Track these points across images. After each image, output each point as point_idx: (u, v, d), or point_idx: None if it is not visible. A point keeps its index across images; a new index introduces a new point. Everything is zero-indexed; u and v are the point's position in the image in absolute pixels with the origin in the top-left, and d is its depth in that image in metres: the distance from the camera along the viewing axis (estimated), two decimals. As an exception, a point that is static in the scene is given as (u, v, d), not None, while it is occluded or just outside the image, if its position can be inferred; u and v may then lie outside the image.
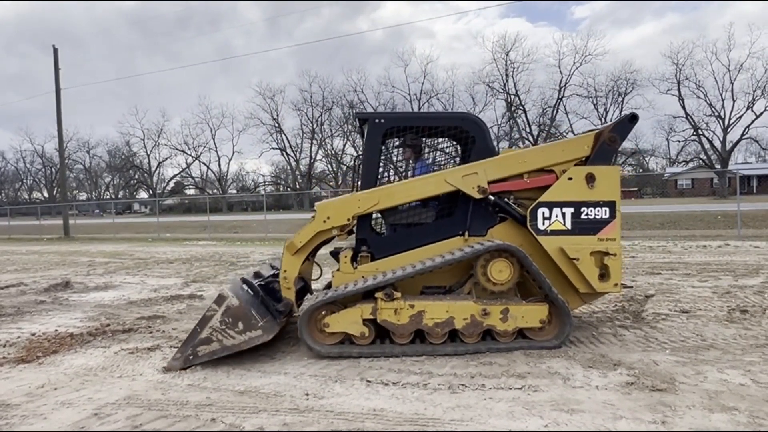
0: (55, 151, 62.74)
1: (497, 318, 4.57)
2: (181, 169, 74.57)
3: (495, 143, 5.50)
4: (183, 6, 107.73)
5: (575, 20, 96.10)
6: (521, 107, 56.71)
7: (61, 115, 29.21)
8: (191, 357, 4.57)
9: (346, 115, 64.30)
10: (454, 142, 5.75)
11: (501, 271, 4.68)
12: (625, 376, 3.97)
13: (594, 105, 56.29)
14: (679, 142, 58.80)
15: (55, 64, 28.87)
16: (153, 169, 74.48)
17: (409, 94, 61.67)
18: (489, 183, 4.90)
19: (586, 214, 4.76)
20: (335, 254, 5.27)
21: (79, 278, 10.83)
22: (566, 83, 55.10)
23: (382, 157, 5.37)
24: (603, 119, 55.75)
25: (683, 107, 51.23)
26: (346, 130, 63.42)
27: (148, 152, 73.15)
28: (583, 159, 4.91)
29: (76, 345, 5.41)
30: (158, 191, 73.45)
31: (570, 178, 4.79)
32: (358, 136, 5.11)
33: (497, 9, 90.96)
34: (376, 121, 5.17)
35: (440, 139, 5.78)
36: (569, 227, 4.77)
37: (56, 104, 29.08)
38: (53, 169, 76.37)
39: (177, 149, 71.80)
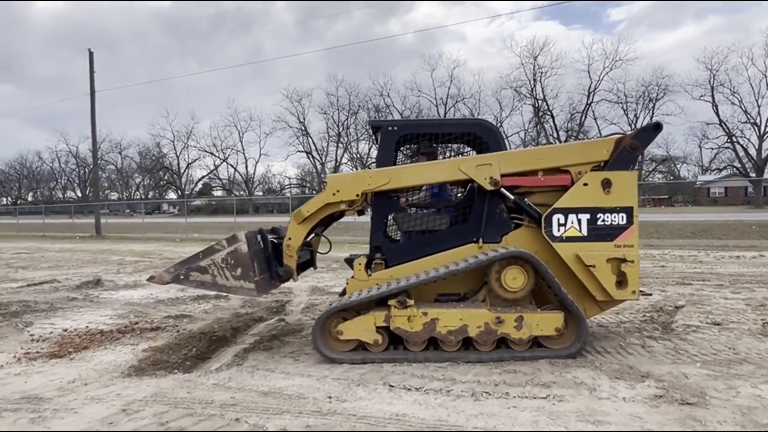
0: (88, 151, 64.53)
1: (511, 326, 4.52)
2: (209, 171, 75.89)
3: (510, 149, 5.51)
4: (216, 8, 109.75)
5: (611, 23, 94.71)
6: (549, 112, 56.20)
7: (95, 117, 30.03)
8: (182, 277, 4.72)
9: (372, 119, 64.52)
10: (468, 149, 5.69)
11: (515, 279, 4.62)
12: (653, 388, 3.88)
13: (624, 111, 55.51)
14: (713, 149, 57.60)
15: (91, 67, 29.70)
16: (182, 170, 75.94)
17: (435, 98, 61.70)
18: (502, 176, 4.81)
19: (603, 221, 4.66)
20: (350, 261, 5.27)
21: (109, 276, 11.09)
22: (595, 88, 54.51)
23: (397, 164, 5.34)
24: (633, 125, 54.83)
25: (717, 114, 50.19)
26: (371, 133, 63.55)
27: (178, 154, 74.69)
28: (601, 163, 4.80)
29: (105, 342, 5.54)
30: (187, 192, 74.78)
31: (585, 184, 4.69)
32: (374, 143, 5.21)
33: (531, 11, 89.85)
34: (390, 128, 5.18)
35: (455, 146, 5.75)
36: (585, 234, 4.67)
37: (91, 106, 29.89)
38: (86, 170, 78.51)
39: (205, 151, 73.12)
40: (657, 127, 4.91)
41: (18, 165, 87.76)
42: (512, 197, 4.86)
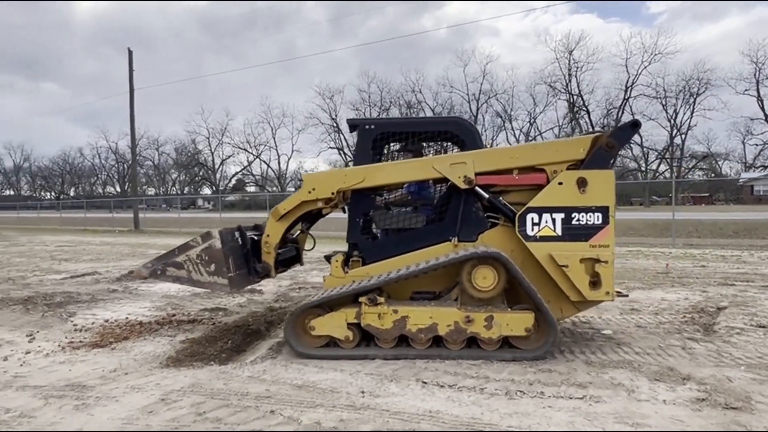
0: (127, 148, 66.34)
1: (481, 325, 4.47)
2: (242, 167, 77.11)
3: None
4: (250, 6, 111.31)
5: (650, 15, 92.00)
6: (584, 108, 55.10)
7: (134, 114, 30.82)
8: (159, 272, 4.92)
9: (404, 115, 64.39)
10: (449, 145, 5.68)
11: (485, 278, 4.58)
12: (695, 391, 3.77)
13: (663, 106, 54.00)
14: (757, 145, 55.50)
15: (130, 66, 30.48)
16: (216, 166, 77.40)
17: (467, 94, 61.24)
18: (476, 175, 4.78)
19: (578, 220, 4.57)
20: (329, 258, 5.29)
21: (147, 269, 11.37)
22: (633, 83, 53.12)
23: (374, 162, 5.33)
24: (672, 120, 53.27)
25: (762, 108, 48.29)
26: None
27: (213, 150, 76.14)
28: (578, 162, 4.71)
29: (144, 333, 5.69)
30: (221, 188, 76.17)
31: (560, 183, 4.60)
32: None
33: (567, 5, 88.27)
34: (367, 127, 5.21)
35: (445, 143, 5.75)
36: (560, 233, 4.59)
37: (129, 104, 30.70)
38: (125, 165, 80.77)
39: (239, 148, 74.32)
40: (634, 126, 4.87)
41: (61, 161, 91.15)
42: (486, 196, 4.83)
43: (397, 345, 4.65)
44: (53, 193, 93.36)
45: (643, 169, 59.26)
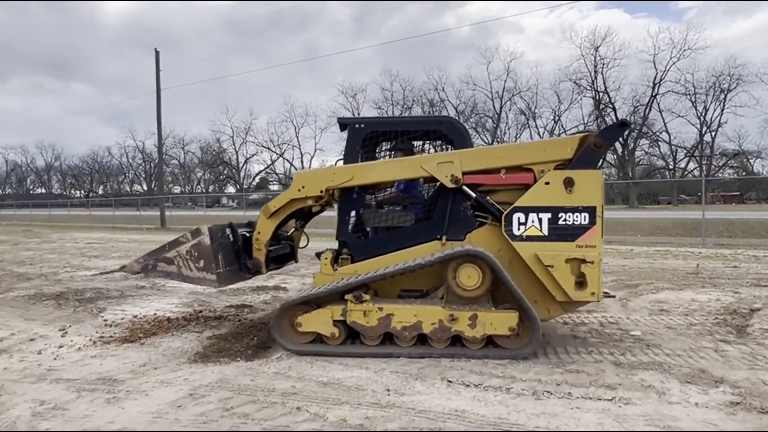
0: (154, 147, 67.48)
1: (465, 324, 4.48)
2: (266, 166, 77.74)
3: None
4: (273, 6, 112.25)
5: (679, 10, 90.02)
6: (610, 105, 54.15)
7: (160, 113, 31.33)
8: (150, 267, 5.05)
9: (426, 113, 64.18)
10: (440, 144, 5.67)
11: (470, 277, 4.57)
12: (729, 394, 3.67)
13: (692, 103, 52.69)
14: (791, 143, 53.70)
15: (157, 66, 30.98)
16: (240, 165, 78.23)
17: (490, 92, 60.72)
18: (464, 174, 4.78)
19: (564, 220, 4.53)
20: (320, 255, 5.31)
21: (174, 266, 11.56)
22: (661, 79, 51.95)
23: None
24: (702, 117, 52.05)
25: (796, 105, 46.70)
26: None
27: (237, 149, 76.91)
28: (565, 162, 4.67)
29: (172, 329, 5.78)
30: (245, 186, 77.00)
31: (547, 183, 4.57)
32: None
33: (594, 0, 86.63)
34: (356, 126, 5.25)
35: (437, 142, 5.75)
36: (546, 233, 4.56)
37: (156, 104, 31.21)
38: (152, 164, 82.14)
39: (263, 146, 74.92)
40: (623, 125, 4.83)
41: (90, 160, 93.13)
42: (474, 195, 4.81)
43: (383, 342, 4.67)
44: (83, 192, 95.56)
45: (671, 167, 58.03)
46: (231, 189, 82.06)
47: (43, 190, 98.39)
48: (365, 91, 69.00)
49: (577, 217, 4.52)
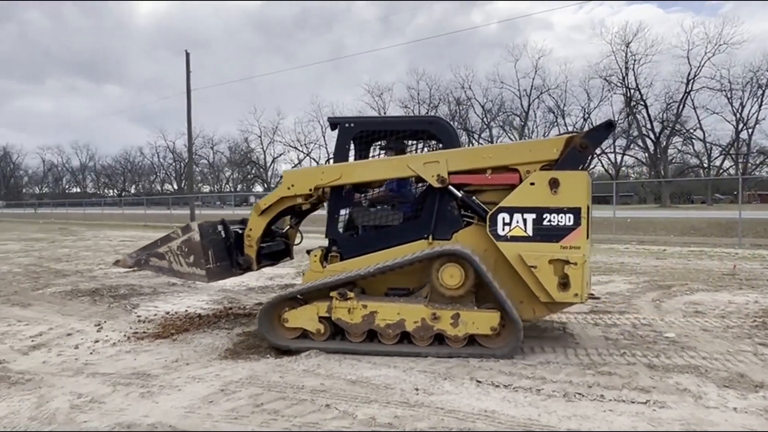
0: (184, 147, 68.73)
1: (448, 323, 4.51)
2: (293, 165, 78.37)
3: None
4: (301, 6, 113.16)
5: (714, 4, 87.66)
6: (642, 102, 53.00)
7: (190, 114, 31.88)
8: (142, 261, 5.22)
9: (453, 112, 63.87)
10: (430, 143, 5.73)
11: (452, 276, 4.58)
12: (769, 400, 3.56)
13: (728, 99, 51.10)
14: (833, 140, 51.75)
15: (187, 68, 31.53)
16: (268, 164, 79.10)
17: (518, 89, 60.09)
18: (450, 174, 4.80)
19: (549, 221, 4.50)
20: (310, 252, 5.35)
21: (204, 264, 11.75)
22: (695, 75, 50.56)
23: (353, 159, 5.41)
24: (738, 114, 50.52)
25: (839, 100, 44.94)
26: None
27: (264, 149, 77.85)
28: (551, 162, 4.64)
29: (203, 325, 5.88)
30: (272, 185, 77.80)
31: (532, 183, 4.56)
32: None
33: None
34: (346, 125, 5.30)
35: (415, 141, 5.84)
36: (530, 234, 4.54)
37: (186, 104, 31.77)
38: (182, 164, 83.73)
39: (290, 146, 75.62)
40: (609, 126, 4.80)
41: (122, 160, 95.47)
42: (459, 195, 4.81)
43: (367, 339, 4.71)
44: (115, 191, 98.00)
45: (705, 165, 56.49)
46: (259, 188, 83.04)
47: (78, 190, 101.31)
48: (391, 90, 69.09)
49: (561, 218, 4.49)
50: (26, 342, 5.26)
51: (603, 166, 62.39)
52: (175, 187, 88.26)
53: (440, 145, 5.43)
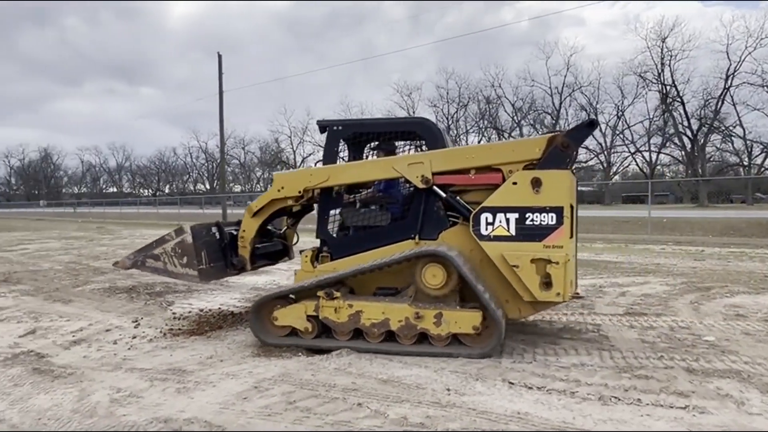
0: (216, 147, 70.02)
1: (431, 322, 4.56)
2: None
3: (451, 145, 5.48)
4: (331, 6, 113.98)
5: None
6: (678, 99, 51.50)
7: (222, 115, 32.46)
8: (139, 263, 5.38)
9: (482, 111, 63.36)
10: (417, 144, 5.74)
11: (435, 276, 4.65)
12: (817, 407, 3.42)
13: (770, 94, 49.16)
14: None
15: (219, 69, 32.10)
16: (298, 164, 79.79)
17: (549, 87, 59.23)
18: (434, 174, 4.86)
19: (531, 220, 4.50)
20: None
21: (236, 262, 11.94)
22: (735, 71, 48.84)
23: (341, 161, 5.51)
24: (781, 110, 48.60)
25: None
26: (481, 126, 62.64)
27: (294, 149, 78.60)
28: (534, 162, 4.65)
29: (236, 323, 5.97)
30: (302, 185, 78.49)
31: (515, 183, 4.56)
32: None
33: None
34: (335, 128, 5.41)
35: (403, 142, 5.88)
36: (513, 233, 4.54)
37: (219, 106, 32.35)
38: (214, 164, 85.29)
39: (320, 146, 76.08)
40: (591, 125, 4.82)
41: (157, 160, 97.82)
42: (443, 195, 4.87)
43: (353, 338, 4.79)
44: (150, 190, 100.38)
45: (745, 163, 54.60)
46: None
47: (115, 189, 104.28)
48: (420, 90, 68.99)
49: (544, 217, 4.48)
50: (68, 337, 5.44)
51: (637, 164, 61.04)
52: (208, 186, 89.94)
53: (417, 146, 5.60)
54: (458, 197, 4.89)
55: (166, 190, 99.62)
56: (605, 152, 59.70)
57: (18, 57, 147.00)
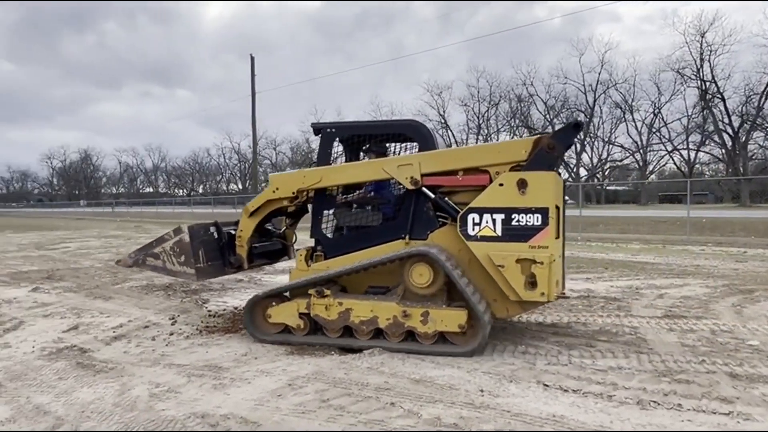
0: (248, 148, 71.08)
1: (418, 320, 4.67)
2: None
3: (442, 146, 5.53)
4: (361, 6, 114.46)
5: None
6: (719, 95, 49.91)
7: (255, 116, 32.96)
8: (140, 261, 5.56)
9: (514, 109, 62.65)
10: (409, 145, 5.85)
11: (422, 275, 4.75)
12: None
13: (818, 89, 47.18)
14: None
15: (252, 71, 32.62)
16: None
17: (583, 85, 58.23)
18: (423, 176, 4.93)
19: (517, 221, 4.55)
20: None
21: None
22: (779, 65, 46.98)
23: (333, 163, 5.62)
24: (829, 106, 46.59)
25: None
26: (513, 125, 61.95)
27: (325, 149, 79.07)
28: (520, 163, 4.69)
29: (270, 321, 6.04)
30: (332, 185, 79.02)
31: (501, 184, 4.62)
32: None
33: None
34: (328, 130, 5.53)
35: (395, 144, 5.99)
36: (499, 234, 4.60)
37: (251, 107, 32.88)
38: (246, 164, 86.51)
39: (348, 146, 76.44)
40: (576, 127, 4.83)
41: (191, 161, 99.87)
42: (432, 196, 4.95)
43: (344, 335, 4.91)
44: (185, 190, 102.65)
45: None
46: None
47: (151, 189, 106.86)
48: (450, 89, 68.27)
49: (530, 218, 4.52)
50: (108, 333, 5.61)
51: (675, 163, 59.46)
52: (240, 186, 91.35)
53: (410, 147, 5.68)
54: (447, 198, 4.97)
55: (200, 190, 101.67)
56: (641, 151, 58.34)
57: (60, 62, 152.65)
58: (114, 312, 6.68)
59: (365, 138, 5.77)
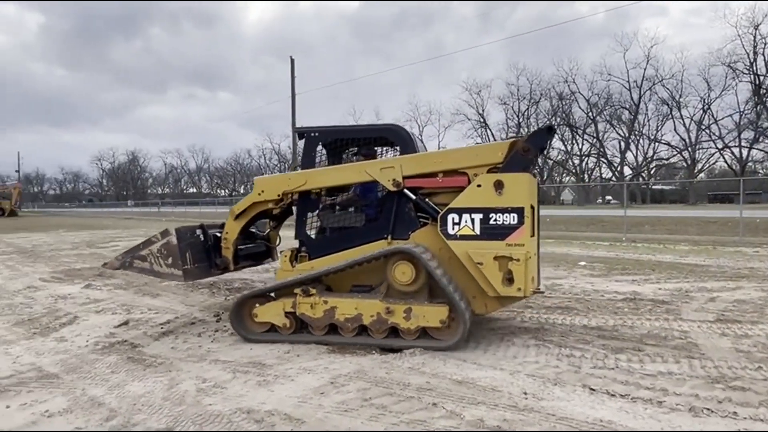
0: (288, 149, 72.15)
1: (401, 316, 4.79)
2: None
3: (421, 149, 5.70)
4: (399, 6, 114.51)
5: None
6: (773, 90, 47.67)
7: (295, 117, 33.40)
8: (127, 264, 5.57)
9: (555, 107, 61.49)
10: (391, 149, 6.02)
11: (404, 273, 4.87)
12: None
13: None
14: None
15: (292, 73, 33.07)
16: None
17: (628, 81, 56.68)
18: (404, 178, 5.09)
19: (495, 220, 4.74)
20: None
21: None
22: (841, 57, 44.59)
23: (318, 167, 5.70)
24: None
25: None
26: (554, 123, 60.77)
27: (363, 149, 79.55)
28: (497, 165, 4.87)
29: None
30: (370, 185, 79.36)
31: (479, 185, 4.80)
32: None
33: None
34: (311, 134, 5.68)
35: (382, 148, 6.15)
36: (478, 232, 4.77)
37: (291, 108, 33.32)
38: (286, 165, 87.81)
39: (388, 147, 76.65)
40: (549, 130, 5.02)
41: (233, 162, 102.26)
42: (413, 197, 5.11)
43: (329, 333, 5.02)
44: (227, 190, 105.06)
45: None
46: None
47: (194, 190, 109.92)
48: (490, 87, 67.97)
49: (506, 217, 4.70)
50: (157, 329, 5.79)
51: (726, 161, 57.18)
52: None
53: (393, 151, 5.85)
54: (427, 199, 5.14)
55: (242, 191, 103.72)
56: (689, 148, 56.31)
57: (109, 67, 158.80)
58: (161, 309, 6.89)
59: (347, 142, 5.92)
